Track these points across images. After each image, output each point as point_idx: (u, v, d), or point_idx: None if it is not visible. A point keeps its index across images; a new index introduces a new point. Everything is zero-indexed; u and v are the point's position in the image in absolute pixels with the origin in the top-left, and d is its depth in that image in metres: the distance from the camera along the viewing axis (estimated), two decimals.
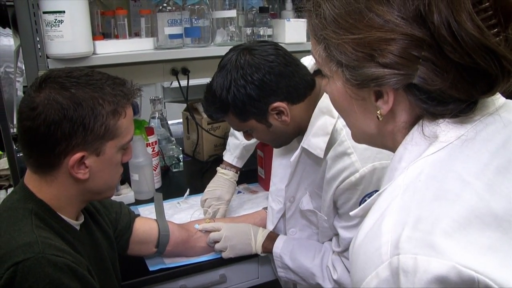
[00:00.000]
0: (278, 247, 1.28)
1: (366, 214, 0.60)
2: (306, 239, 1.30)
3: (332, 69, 0.62)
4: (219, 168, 1.58)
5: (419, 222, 0.51)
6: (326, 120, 1.08)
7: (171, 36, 1.59)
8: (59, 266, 0.82)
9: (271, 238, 1.31)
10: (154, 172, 1.68)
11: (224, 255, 1.30)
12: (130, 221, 1.21)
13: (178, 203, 1.62)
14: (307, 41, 1.74)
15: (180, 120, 2.12)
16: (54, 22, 1.32)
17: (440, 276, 0.47)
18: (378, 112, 0.60)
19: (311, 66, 1.16)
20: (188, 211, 1.54)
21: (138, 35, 1.65)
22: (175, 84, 2.07)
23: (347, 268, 1.16)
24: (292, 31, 1.71)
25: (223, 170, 1.56)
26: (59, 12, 1.31)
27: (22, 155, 0.94)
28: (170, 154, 1.90)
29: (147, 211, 1.52)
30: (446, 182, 0.53)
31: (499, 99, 0.61)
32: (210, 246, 1.32)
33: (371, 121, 0.63)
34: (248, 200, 1.65)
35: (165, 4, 1.56)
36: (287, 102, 1.10)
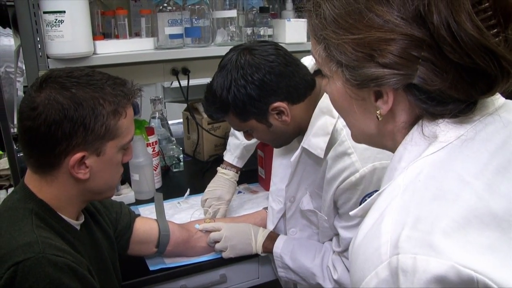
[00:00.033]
0: (278, 247, 1.28)
1: (366, 214, 0.60)
2: (306, 239, 1.30)
3: (332, 69, 0.62)
4: (219, 168, 1.58)
5: (418, 222, 0.51)
6: (326, 120, 1.08)
7: (172, 36, 1.59)
8: (59, 266, 0.82)
9: (272, 238, 1.31)
10: (154, 172, 1.68)
11: (225, 255, 1.30)
12: (131, 221, 1.21)
13: (179, 203, 1.62)
14: (307, 41, 1.74)
15: (181, 120, 2.12)
16: (55, 22, 1.32)
17: (439, 275, 0.47)
18: (378, 112, 0.61)
19: (312, 66, 1.16)
20: (189, 211, 1.54)
21: (138, 35, 1.65)
22: (175, 84, 2.07)
23: (347, 268, 1.16)
24: (293, 31, 1.71)
25: (223, 170, 1.56)
26: (60, 12, 1.31)
27: (22, 155, 0.94)
28: (171, 154, 1.90)
29: (147, 211, 1.52)
30: (445, 182, 0.53)
31: (498, 99, 0.61)
32: (211, 246, 1.32)
33: (370, 121, 0.63)
34: (249, 200, 1.65)
35: (165, 4, 1.56)
36: (287, 102, 1.10)
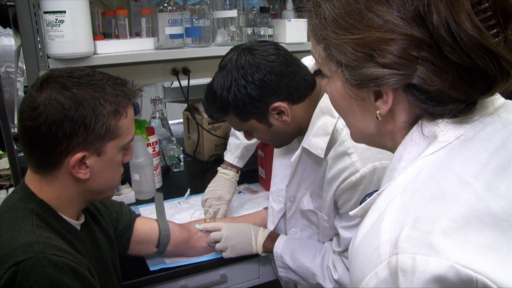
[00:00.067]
0: (278, 247, 1.28)
1: (365, 214, 0.60)
2: (306, 239, 1.30)
3: (331, 69, 0.62)
4: (219, 168, 1.58)
5: (418, 222, 0.51)
6: (326, 120, 1.08)
7: (172, 36, 1.59)
8: (59, 266, 0.82)
9: (272, 238, 1.31)
10: (154, 172, 1.68)
11: (225, 255, 1.30)
12: (131, 221, 1.21)
13: (179, 203, 1.62)
14: (307, 41, 1.74)
15: (181, 120, 2.12)
16: (55, 22, 1.32)
17: (438, 275, 0.47)
18: (378, 112, 0.61)
19: (312, 66, 1.16)
20: (189, 211, 1.54)
21: (138, 35, 1.65)
22: (175, 84, 2.07)
23: (347, 268, 1.16)
24: (293, 31, 1.71)
25: (224, 170, 1.56)
26: (60, 12, 1.31)
27: (23, 155, 0.94)
28: (171, 154, 1.90)
29: (147, 211, 1.52)
30: (445, 182, 0.53)
31: (498, 100, 0.61)
32: (211, 246, 1.32)
33: (370, 121, 0.64)
34: (249, 200, 1.65)
35: (165, 4, 1.56)
36: (287, 102, 1.10)
